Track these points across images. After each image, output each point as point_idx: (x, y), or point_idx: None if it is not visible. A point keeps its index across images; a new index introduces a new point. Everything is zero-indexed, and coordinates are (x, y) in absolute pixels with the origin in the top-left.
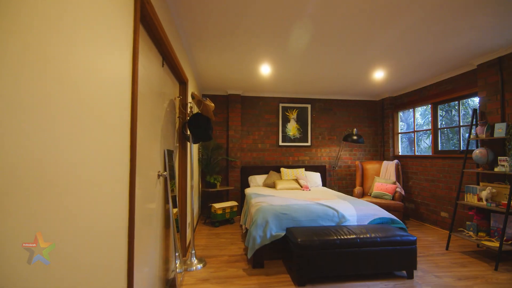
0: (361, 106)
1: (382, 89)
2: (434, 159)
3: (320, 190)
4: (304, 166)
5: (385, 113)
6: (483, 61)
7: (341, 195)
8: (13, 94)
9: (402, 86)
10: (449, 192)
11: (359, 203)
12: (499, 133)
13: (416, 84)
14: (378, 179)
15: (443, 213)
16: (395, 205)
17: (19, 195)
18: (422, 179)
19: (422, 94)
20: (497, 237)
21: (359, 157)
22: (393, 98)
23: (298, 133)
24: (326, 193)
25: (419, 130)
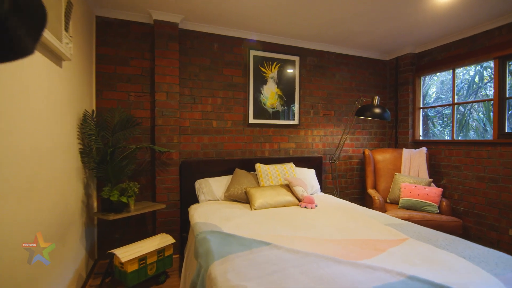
0: (366, 67)
1: (401, 39)
2: (497, 147)
3: (338, 207)
4: (290, 159)
5: (401, 78)
6: None
7: (403, 226)
8: None
9: (437, 32)
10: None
11: None
12: None
13: (465, 29)
14: (402, 178)
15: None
16: (449, 224)
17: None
18: (469, 177)
19: (476, 44)
20: None
21: (363, 143)
22: (416, 55)
23: (280, 103)
24: (361, 218)
25: (464, 102)
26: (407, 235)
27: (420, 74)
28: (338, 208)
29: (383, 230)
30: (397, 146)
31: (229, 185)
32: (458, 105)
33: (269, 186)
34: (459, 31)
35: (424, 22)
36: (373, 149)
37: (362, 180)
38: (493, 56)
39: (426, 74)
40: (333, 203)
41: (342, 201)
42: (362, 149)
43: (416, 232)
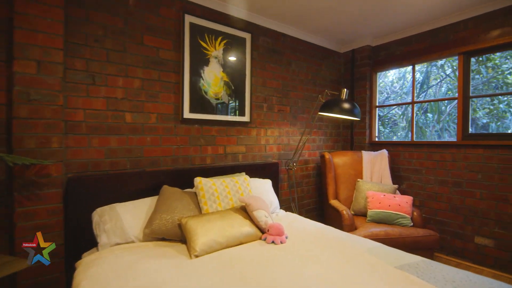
0: (322, 57)
1: (358, 29)
2: (462, 149)
3: (314, 236)
4: (240, 167)
5: (357, 73)
6: None
7: (420, 268)
8: None
9: (397, 23)
10: (498, 205)
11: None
12: None
13: (427, 21)
14: (366, 184)
15: (480, 238)
16: (427, 240)
17: None
18: (431, 181)
19: (439, 38)
20: None
21: (319, 145)
22: (373, 48)
23: (226, 93)
24: (357, 257)
25: (426, 101)
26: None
27: (377, 70)
28: (317, 239)
29: (400, 279)
30: (353, 148)
31: (153, 215)
32: (407, 105)
33: (217, 213)
34: (421, 23)
35: (382, 9)
36: (331, 151)
37: (318, 188)
38: (458, 51)
39: (383, 70)
40: (305, 229)
41: (314, 223)
42: (318, 151)
43: (449, 280)
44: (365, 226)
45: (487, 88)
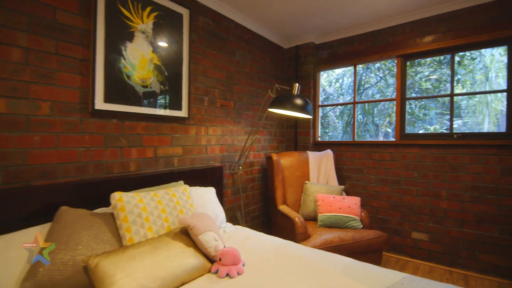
0: (267, 51)
1: (303, 24)
2: (400, 148)
3: (277, 259)
4: (176, 174)
5: (302, 70)
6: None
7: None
8: None
9: (340, 22)
10: (432, 201)
11: None
12: None
13: (368, 23)
14: (314, 187)
15: (416, 233)
16: (377, 241)
17: None
18: (372, 181)
19: (379, 40)
20: None
21: (264, 145)
22: (316, 46)
23: (157, 79)
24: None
25: (368, 101)
26: None
27: (320, 68)
28: (281, 261)
29: None
30: (297, 148)
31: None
32: (345, 105)
33: (147, 243)
34: (363, 24)
35: (327, 5)
36: (276, 152)
37: (263, 192)
38: (396, 54)
39: (326, 69)
40: (263, 249)
41: (271, 239)
42: (263, 152)
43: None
44: (318, 233)
45: (410, 92)
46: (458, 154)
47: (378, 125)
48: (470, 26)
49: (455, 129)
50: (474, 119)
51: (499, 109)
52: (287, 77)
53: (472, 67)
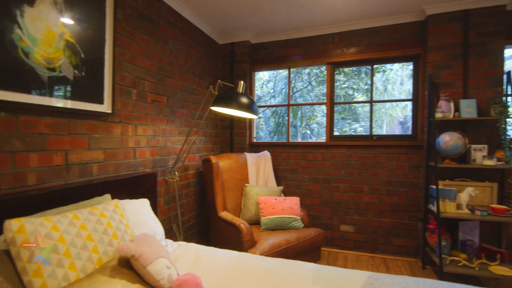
0: (201, 44)
1: (240, 21)
2: (330, 148)
3: (233, 284)
4: (99, 186)
5: (237, 69)
6: (441, 11)
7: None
8: None
9: (277, 25)
10: (356, 196)
11: None
12: (467, 112)
13: (302, 29)
14: (255, 189)
15: (344, 226)
16: (318, 238)
17: None
18: (306, 180)
19: (312, 46)
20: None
21: (199, 147)
22: (252, 46)
23: (70, 61)
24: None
25: (300, 104)
26: None
27: (256, 68)
28: (244, 279)
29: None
30: (232, 150)
31: None
32: (277, 107)
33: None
34: (297, 29)
35: (262, 5)
36: (212, 154)
37: (199, 199)
38: (326, 61)
39: (262, 69)
40: (220, 268)
41: (225, 254)
42: (199, 155)
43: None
44: (264, 238)
45: None
46: (377, 153)
47: (296, 127)
48: (387, 42)
49: (355, 132)
50: (374, 123)
51: (393, 115)
52: (221, 74)
53: (378, 78)
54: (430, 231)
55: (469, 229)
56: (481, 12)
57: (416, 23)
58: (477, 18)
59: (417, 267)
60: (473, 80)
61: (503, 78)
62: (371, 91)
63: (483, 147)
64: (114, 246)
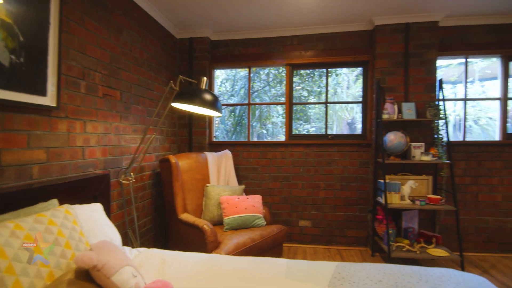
0: (158, 37)
1: (200, 13)
2: (289, 147)
3: (206, 286)
4: (36, 190)
5: (197, 66)
6: (387, 23)
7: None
8: None
9: (238, 24)
10: (313, 192)
11: None
12: (408, 114)
13: (262, 29)
14: (216, 189)
15: (302, 221)
16: (280, 234)
17: None
18: (266, 178)
19: (272, 47)
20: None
21: (156, 146)
22: (213, 42)
23: (7, 46)
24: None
25: (261, 103)
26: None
27: (216, 66)
28: (220, 282)
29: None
30: (191, 149)
31: None
32: (238, 106)
33: None
34: (257, 29)
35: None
36: (170, 154)
37: (155, 201)
38: (286, 62)
39: (222, 67)
40: (192, 271)
41: (190, 257)
42: (155, 154)
43: (375, 278)
44: (228, 238)
45: None
46: (332, 151)
47: (252, 127)
48: (341, 48)
49: (308, 132)
50: (324, 124)
51: (342, 117)
52: (179, 70)
53: (330, 82)
54: (378, 221)
55: (410, 218)
56: (419, 26)
57: (366, 31)
58: (416, 31)
59: (367, 255)
60: (412, 85)
61: (436, 85)
62: (326, 93)
63: (421, 144)
64: (68, 257)
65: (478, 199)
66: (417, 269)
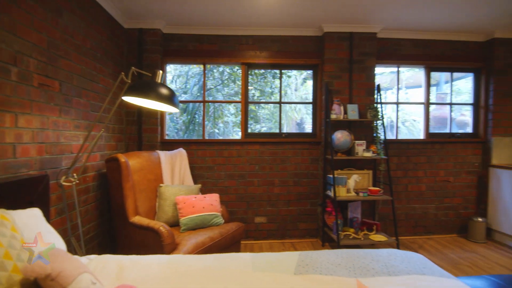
0: (103, 24)
1: (151, 2)
2: (245, 145)
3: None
4: None
5: (147, 59)
6: (334, 30)
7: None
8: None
9: (192, 18)
10: (269, 189)
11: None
12: (352, 115)
13: (215, 26)
14: (171, 189)
15: (258, 218)
16: (239, 231)
17: None
18: (222, 177)
19: (228, 45)
20: (364, 227)
21: (100, 145)
22: (166, 36)
23: None
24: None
25: (215, 101)
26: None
27: (169, 61)
28: (187, 282)
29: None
30: (141, 148)
31: None
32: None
33: None
34: (212, 26)
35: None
36: (118, 153)
37: (100, 205)
38: (241, 61)
39: (175, 62)
40: (156, 276)
41: (152, 260)
42: (100, 153)
43: (334, 262)
44: (185, 238)
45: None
46: (285, 149)
47: (204, 125)
48: (294, 51)
49: (258, 131)
50: (275, 124)
51: (291, 117)
52: (127, 62)
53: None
54: (328, 213)
55: (355, 208)
56: (361, 36)
57: (317, 37)
58: (358, 40)
59: (318, 245)
60: (356, 89)
61: (374, 89)
62: (280, 93)
63: (363, 142)
64: (9, 269)
65: (408, 190)
66: (368, 251)
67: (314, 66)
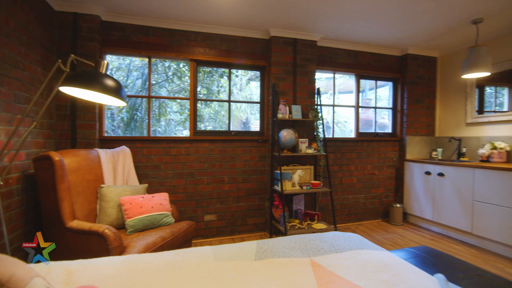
0: (33, 4)
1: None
2: (194, 143)
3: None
4: None
5: (83, 47)
6: (280, 35)
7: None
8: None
9: (134, 6)
10: (218, 186)
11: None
12: (296, 115)
13: (162, 18)
14: (115, 190)
15: (208, 216)
16: (190, 230)
17: None
18: (169, 175)
19: (175, 39)
20: (307, 218)
21: (25, 142)
22: (105, 24)
23: None
24: None
25: (161, 97)
26: (302, 255)
27: (109, 51)
28: (152, 280)
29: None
30: (75, 145)
31: None
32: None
33: None
34: (158, 17)
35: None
36: (43, 151)
37: (28, 211)
38: (190, 57)
39: (117, 53)
40: (113, 276)
41: (103, 262)
42: (26, 152)
43: (302, 245)
44: (134, 240)
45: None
46: (235, 147)
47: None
48: (242, 51)
49: (201, 130)
50: (219, 123)
51: (237, 116)
52: (58, 49)
53: (227, 83)
54: (275, 207)
55: (299, 201)
56: (303, 43)
57: (264, 40)
58: (301, 46)
59: (266, 238)
60: (299, 91)
61: (315, 92)
62: (229, 91)
63: (305, 140)
64: None
65: (343, 182)
66: (317, 235)
67: (262, 67)
